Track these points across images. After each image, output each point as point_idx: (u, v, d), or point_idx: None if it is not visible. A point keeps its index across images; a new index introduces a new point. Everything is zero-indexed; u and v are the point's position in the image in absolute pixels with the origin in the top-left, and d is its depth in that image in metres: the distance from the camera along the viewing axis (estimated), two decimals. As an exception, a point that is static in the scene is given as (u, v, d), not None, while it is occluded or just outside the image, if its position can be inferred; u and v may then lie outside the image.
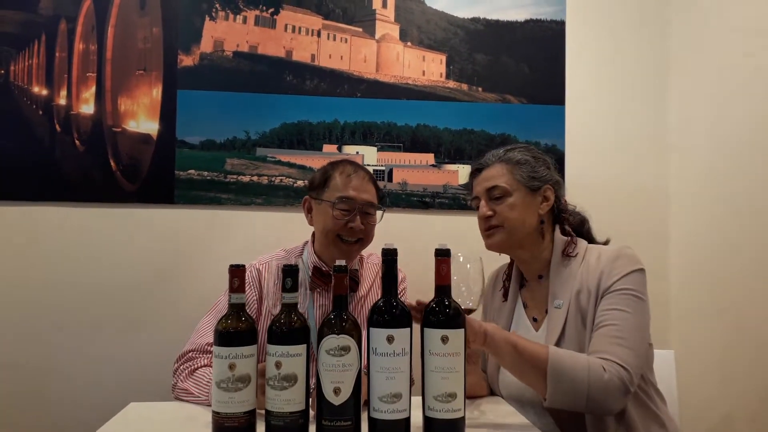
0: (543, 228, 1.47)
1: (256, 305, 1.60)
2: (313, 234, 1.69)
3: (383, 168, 2.13)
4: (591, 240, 1.51)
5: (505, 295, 1.55)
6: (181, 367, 1.49)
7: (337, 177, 1.62)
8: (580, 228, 1.53)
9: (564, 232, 1.48)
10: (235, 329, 1.08)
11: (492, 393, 1.51)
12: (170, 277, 2.01)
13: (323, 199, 1.61)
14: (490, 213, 1.44)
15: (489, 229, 1.46)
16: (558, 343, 1.35)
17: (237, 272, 1.11)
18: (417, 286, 1.72)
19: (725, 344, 1.89)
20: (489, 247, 1.48)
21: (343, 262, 1.11)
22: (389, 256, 1.11)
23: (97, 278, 1.99)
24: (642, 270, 1.36)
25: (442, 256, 1.12)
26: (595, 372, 1.19)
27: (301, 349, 1.07)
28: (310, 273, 1.62)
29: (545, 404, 1.23)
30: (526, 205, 1.44)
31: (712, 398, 1.91)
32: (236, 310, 1.10)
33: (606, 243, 1.51)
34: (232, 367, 1.06)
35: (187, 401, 1.41)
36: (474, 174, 1.52)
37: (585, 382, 1.18)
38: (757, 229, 1.77)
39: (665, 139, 2.22)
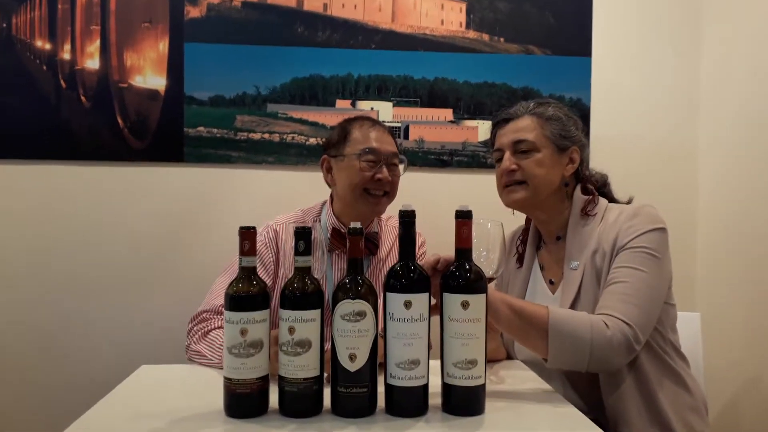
0: (565, 190, 1.42)
1: (273, 267, 1.56)
2: (332, 195, 1.64)
3: (399, 124, 2.04)
4: (612, 199, 1.45)
5: (520, 261, 1.50)
6: (195, 328, 1.47)
7: (356, 131, 1.57)
8: (601, 189, 1.47)
9: (585, 191, 1.43)
10: (247, 293, 1.04)
11: (509, 356, 1.48)
12: (181, 237, 1.98)
13: (345, 153, 1.56)
14: (514, 167, 1.37)
15: (510, 184, 1.39)
16: (573, 305, 1.31)
17: (248, 234, 1.05)
18: (434, 248, 1.65)
19: (752, 306, 1.83)
20: (508, 203, 1.42)
21: (358, 225, 1.06)
22: (407, 219, 1.05)
23: (106, 238, 1.96)
24: (662, 229, 1.30)
25: (463, 218, 1.06)
26: (598, 329, 1.15)
27: (315, 314, 1.03)
28: (329, 234, 1.58)
29: (547, 365, 1.19)
30: (552, 164, 1.38)
31: (738, 361, 1.86)
32: (247, 273, 1.06)
33: (629, 202, 1.45)
34: (243, 332, 1.02)
35: (200, 363, 1.39)
36: (499, 125, 1.44)
37: (588, 340, 1.14)
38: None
39: (696, 92, 2.11)
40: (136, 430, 0.97)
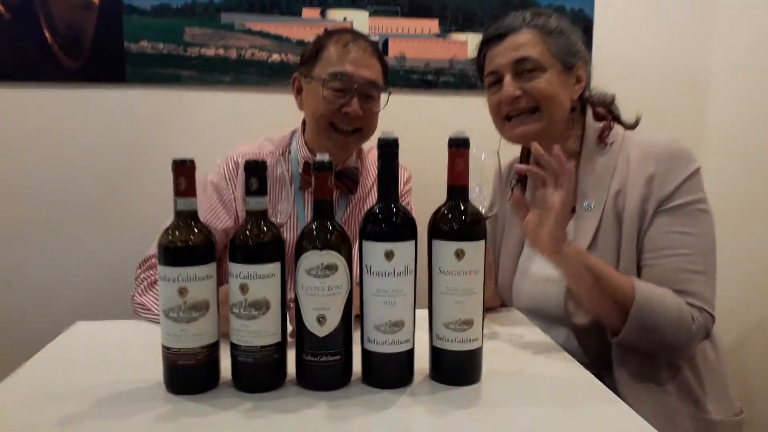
0: (572, 116, 1.21)
1: (234, 205, 1.34)
2: (304, 122, 1.40)
3: (377, 38, 1.76)
4: (618, 121, 1.26)
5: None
6: (142, 276, 1.28)
7: (331, 48, 1.30)
8: (609, 109, 1.27)
9: (597, 117, 1.22)
10: (185, 244, 0.83)
11: (503, 304, 1.32)
12: (125, 170, 1.73)
13: (313, 76, 1.30)
14: (518, 93, 1.15)
15: (518, 113, 1.17)
16: (588, 251, 1.14)
17: (183, 169, 0.83)
18: (420, 184, 1.47)
19: (760, 243, 1.69)
20: (517, 138, 1.20)
21: (326, 157, 0.84)
22: (387, 150, 0.84)
23: (37, 171, 1.70)
24: (699, 168, 1.13)
25: (459, 147, 0.85)
26: (685, 324, 1.04)
27: (273, 268, 0.83)
28: (300, 168, 1.35)
29: (615, 340, 1.06)
30: (561, 86, 1.17)
31: (745, 303, 1.73)
32: (186, 218, 0.84)
33: (636, 123, 1.26)
34: (182, 292, 0.81)
35: (145, 318, 1.20)
36: (491, 42, 1.20)
37: (671, 332, 1.03)
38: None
39: (712, 10, 1.89)
40: (48, 415, 0.78)
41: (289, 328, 0.87)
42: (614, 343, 1.08)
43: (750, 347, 1.74)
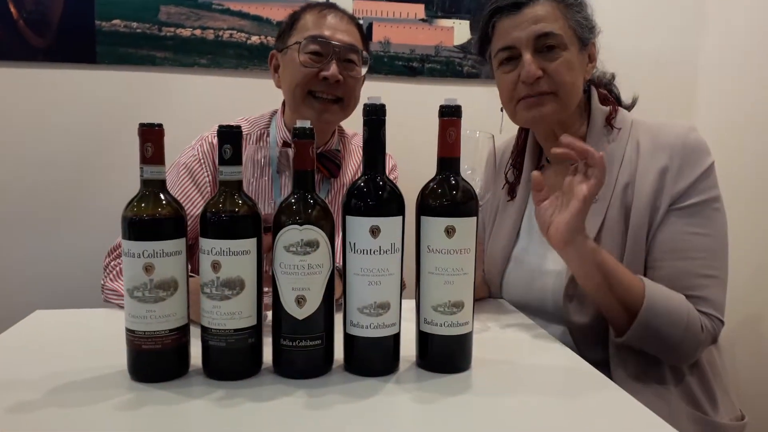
0: (583, 98, 1.14)
1: (209, 188, 1.29)
2: (284, 104, 1.35)
3: (360, 22, 1.71)
4: (618, 101, 1.20)
5: (511, 192, 1.25)
6: (113, 263, 1.21)
7: (307, 16, 1.26)
8: (609, 90, 1.21)
9: (603, 100, 1.15)
10: (152, 217, 0.76)
11: (490, 295, 1.26)
12: (95, 155, 1.65)
13: (289, 45, 1.25)
14: (540, 73, 1.05)
15: (533, 96, 1.07)
16: None
17: (150, 134, 0.76)
18: (405, 174, 1.42)
19: (760, 232, 1.67)
20: (531, 120, 1.11)
21: (307, 123, 0.78)
22: (374, 116, 0.79)
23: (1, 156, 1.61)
24: (713, 163, 1.06)
25: (450, 116, 0.80)
26: (693, 331, 0.98)
27: (249, 244, 0.76)
28: (278, 151, 1.29)
29: (618, 341, 1.00)
30: (578, 66, 1.08)
31: (744, 294, 1.71)
32: (153, 189, 0.78)
33: (633, 103, 1.20)
34: (148, 269, 0.75)
35: (117, 305, 1.13)
36: (505, 12, 1.08)
37: (677, 339, 0.98)
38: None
39: (702, 5, 1.88)
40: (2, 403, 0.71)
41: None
42: (615, 344, 1.03)
43: (741, 350, 1.71)
